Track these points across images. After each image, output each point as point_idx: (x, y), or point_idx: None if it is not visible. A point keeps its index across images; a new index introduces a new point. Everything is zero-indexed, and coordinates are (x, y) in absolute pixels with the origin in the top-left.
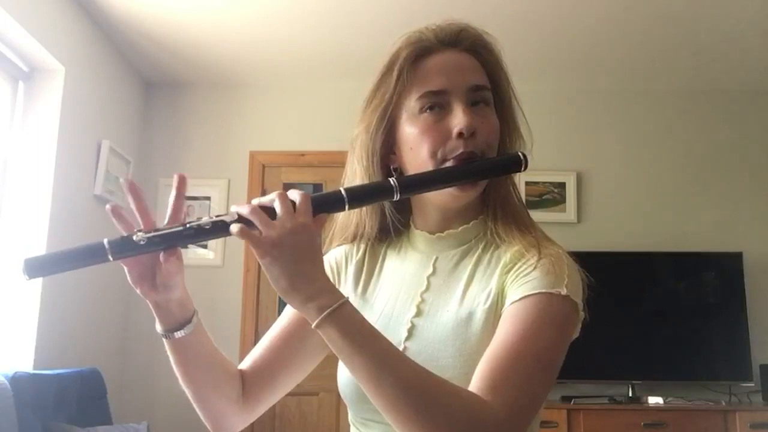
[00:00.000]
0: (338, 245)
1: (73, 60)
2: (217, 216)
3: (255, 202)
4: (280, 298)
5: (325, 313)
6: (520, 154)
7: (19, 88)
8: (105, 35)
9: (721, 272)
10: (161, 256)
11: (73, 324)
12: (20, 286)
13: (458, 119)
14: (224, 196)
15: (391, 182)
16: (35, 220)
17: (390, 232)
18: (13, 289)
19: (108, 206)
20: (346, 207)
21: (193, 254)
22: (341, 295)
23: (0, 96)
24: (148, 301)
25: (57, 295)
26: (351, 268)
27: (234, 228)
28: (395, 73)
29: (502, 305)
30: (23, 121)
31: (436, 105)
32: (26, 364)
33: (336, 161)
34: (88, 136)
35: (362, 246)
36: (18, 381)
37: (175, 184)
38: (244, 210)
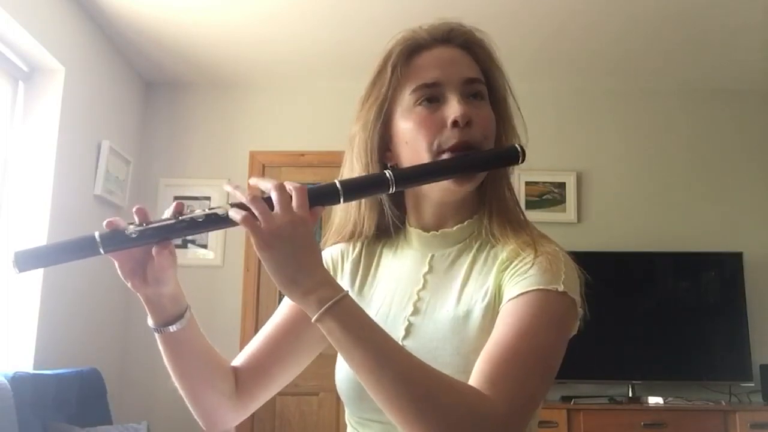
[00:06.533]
0: (334, 243)
1: (73, 60)
2: (210, 209)
3: (252, 182)
4: (279, 297)
5: (326, 306)
6: (517, 146)
7: (19, 88)
8: (105, 35)
9: (721, 272)
10: (153, 249)
11: (73, 324)
12: (20, 286)
13: (453, 109)
14: (224, 196)
15: (387, 174)
16: (35, 220)
17: (387, 231)
18: (13, 289)
19: (105, 223)
20: (341, 200)
21: (193, 254)
22: (341, 288)
23: (0, 96)
24: (139, 295)
25: (57, 295)
26: (347, 266)
27: (237, 215)
28: (389, 70)
29: (500, 303)
30: (23, 121)
31: (430, 97)
32: (26, 364)
33: (336, 161)
34: (88, 136)
35: (358, 244)
36: (18, 381)
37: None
38: (244, 198)
